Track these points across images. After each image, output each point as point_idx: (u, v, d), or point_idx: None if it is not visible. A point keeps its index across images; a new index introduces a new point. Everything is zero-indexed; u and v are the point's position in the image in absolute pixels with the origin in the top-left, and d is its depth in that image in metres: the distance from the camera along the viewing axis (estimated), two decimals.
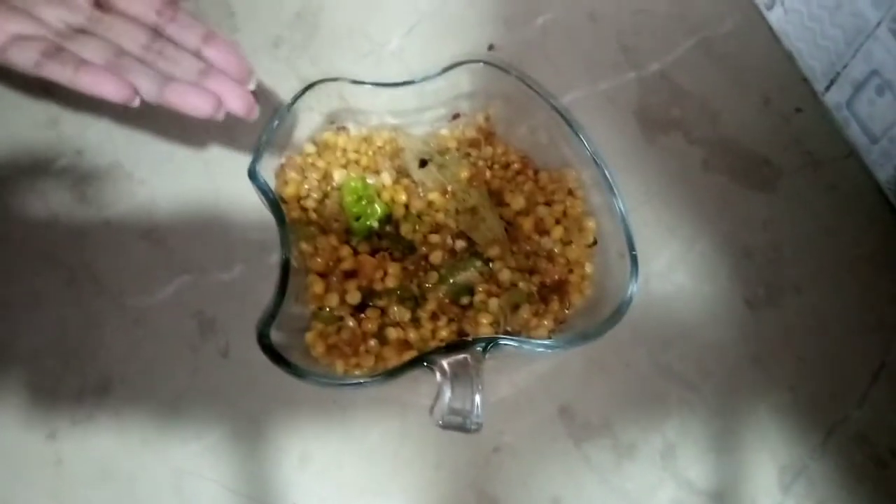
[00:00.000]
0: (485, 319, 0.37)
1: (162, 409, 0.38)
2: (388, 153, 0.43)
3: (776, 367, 0.40)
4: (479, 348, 0.32)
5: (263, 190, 0.37)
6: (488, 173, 0.42)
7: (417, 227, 0.40)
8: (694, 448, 0.38)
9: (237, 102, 0.38)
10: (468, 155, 0.43)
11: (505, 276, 0.38)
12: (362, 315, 0.38)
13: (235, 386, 0.39)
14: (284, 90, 0.47)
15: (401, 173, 0.42)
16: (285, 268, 0.35)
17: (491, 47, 0.50)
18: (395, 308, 0.37)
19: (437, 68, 0.41)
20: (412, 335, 0.37)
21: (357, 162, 0.42)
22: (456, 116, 0.44)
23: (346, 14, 0.51)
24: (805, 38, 0.48)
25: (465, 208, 0.41)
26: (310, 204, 0.41)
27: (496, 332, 0.37)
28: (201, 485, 0.37)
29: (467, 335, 0.37)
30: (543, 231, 0.40)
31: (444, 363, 0.32)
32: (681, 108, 0.48)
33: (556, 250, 0.39)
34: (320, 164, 0.42)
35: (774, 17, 0.51)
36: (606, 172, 0.38)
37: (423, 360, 0.33)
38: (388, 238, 0.40)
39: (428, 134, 0.44)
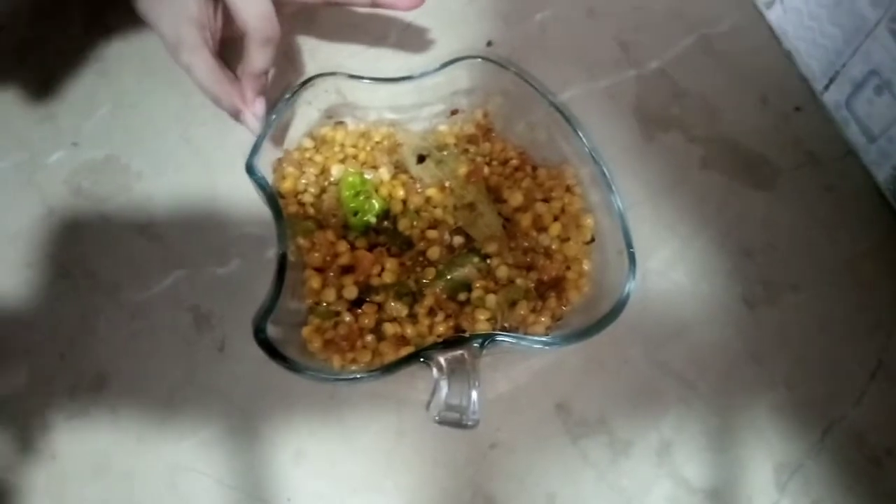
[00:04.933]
0: (482, 316, 0.37)
1: (157, 404, 0.38)
2: (386, 148, 0.43)
3: (773, 365, 0.40)
4: (476, 344, 0.32)
5: (261, 184, 0.37)
6: (486, 169, 0.42)
7: (415, 223, 0.40)
8: (690, 445, 0.38)
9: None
10: (466, 151, 0.43)
11: (502, 272, 0.38)
12: (359, 310, 0.37)
13: (231, 381, 0.39)
14: (282, 84, 0.47)
15: (399, 169, 0.42)
16: (282, 262, 0.35)
17: (490, 43, 0.50)
18: (393, 303, 0.37)
19: (435, 64, 0.41)
20: (409, 331, 0.37)
21: (355, 157, 0.42)
22: (454, 112, 0.44)
23: (344, 8, 0.51)
24: (804, 36, 0.48)
25: (463, 204, 0.40)
26: (307, 199, 0.40)
27: (493, 329, 0.37)
28: (197, 480, 0.37)
29: (464, 331, 0.37)
30: (541, 228, 0.40)
31: (441, 359, 0.32)
32: (680, 105, 0.48)
33: (553, 247, 0.39)
34: (318, 158, 0.42)
35: (773, 15, 0.51)
36: (605, 169, 0.38)
37: (420, 355, 0.33)
38: (386, 233, 0.40)
39: (426, 130, 0.44)
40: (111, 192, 0.44)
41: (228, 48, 0.43)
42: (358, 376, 0.33)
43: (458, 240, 0.39)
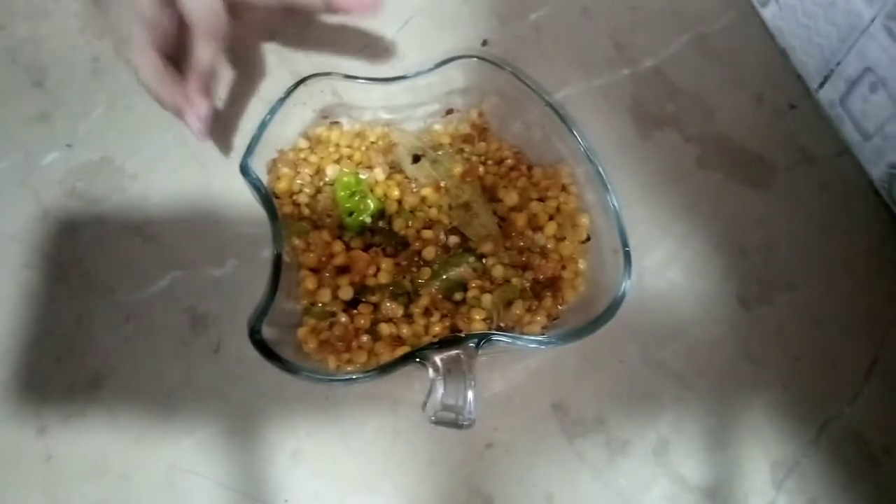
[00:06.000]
0: (478, 315, 0.37)
1: (153, 404, 0.38)
2: (382, 148, 0.43)
3: (769, 363, 0.40)
4: (471, 344, 0.32)
5: (255, 185, 0.37)
6: (482, 169, 0.42)
7: (410, 223, 0.40)
8: (687, 444, 0.38)
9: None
10: (461, 151, 0.43)
11: (498, 272, 0.38)
12: (355, 311, 0.37)
13: (227, 382, 0.39)
14: (277, 84, 0.47)
15: (394, 169, 0.42)
16: (277, 263, 0.35)
17: (485, 43, 0.50)
18: (388, 304, 0.37)
19: (430, 63, 0.41)
20: (405, 331, 0.37)
21: (350, 157, 0.42)
22: (449, 112, 0.44)
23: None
24: (799, 34, 0.48)
25: (459, 204, 0.40)
26: (302, 199, 0.40)
27: (489, 328, 0.37)
28: (194, 481, 0.37)
29: (460, 331, 0.37)
30: (537, 227, 0.40)
31: (437, 359, 0.32)
32: (675, 104, 0.48)
33: (549, 246, 0.39)
34: (313, 159, 0.42)
35: (769, 13, 0.51)
36: (600, 168, 0.38)
37: (416, 356, 0.33)
38: (381, 233, 0.40)
39: (421, 129, 0.44)
40: (106, 193, 0.44)
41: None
42: (354, 377, 0.33)
43: (453, 239, 0.39)
